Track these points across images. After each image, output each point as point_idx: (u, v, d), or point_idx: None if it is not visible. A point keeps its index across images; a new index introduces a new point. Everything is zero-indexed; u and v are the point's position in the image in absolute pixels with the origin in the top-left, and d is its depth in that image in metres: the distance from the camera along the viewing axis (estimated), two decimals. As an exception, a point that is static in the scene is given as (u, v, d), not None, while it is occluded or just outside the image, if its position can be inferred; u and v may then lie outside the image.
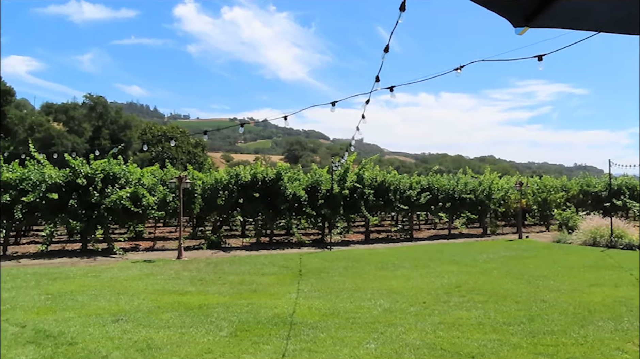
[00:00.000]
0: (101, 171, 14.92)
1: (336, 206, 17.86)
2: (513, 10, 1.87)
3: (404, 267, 11.96)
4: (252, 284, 9.67)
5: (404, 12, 3.11)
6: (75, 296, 8.37)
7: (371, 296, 8.45)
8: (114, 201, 14.49)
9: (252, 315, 7.07)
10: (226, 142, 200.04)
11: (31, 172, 14.57)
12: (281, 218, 18.11)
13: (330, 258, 13.90)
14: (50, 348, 5.56)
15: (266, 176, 17.28)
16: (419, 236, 21.34)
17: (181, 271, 11.30)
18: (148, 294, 8.63)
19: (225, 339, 5.96)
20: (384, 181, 19.52)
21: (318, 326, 6.50)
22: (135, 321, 6.73)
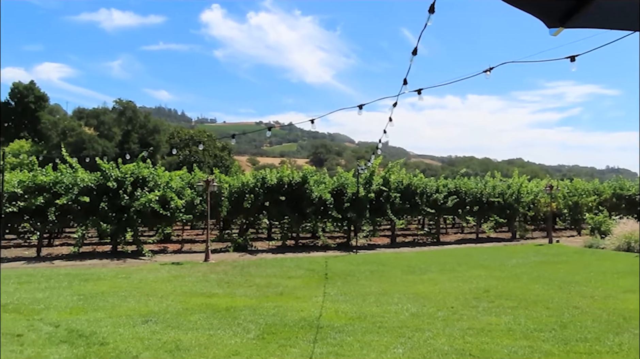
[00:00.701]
0: (131, 174, 15.20)
1: (362, 210, 17.79)
2: (548, 11, 1.83)
3: (431, 271, 11.84)
4: (278, 287, 9.71)
5: (433, 14, 3.09)
6: (106, 297, 8.54)
7: (398, 300, 8.38)
8: (143, 204, 14.73)
9: (279, 318, 7.10)
10: (252, 145, 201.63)
11: (64, 175, 14.94)
12: (307, 222, 18.14)
13: (356, 261, 13.85)
14: (82, 348, 5.69)
15: (292, 179, 17.34)
16: (445, 240, 21.10)
17: (208, 273, 11.42)
18: (176, 296, 8.75)
19: (252, 342, 5.99)
20: (411, 184, 19.36)
21: (345, 329, 6.48)
22: (164, 323, 6.83)
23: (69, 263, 13.30)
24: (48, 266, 12.77)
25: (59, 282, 10.03)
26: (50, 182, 14.67)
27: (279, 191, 17.06)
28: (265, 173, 17.70)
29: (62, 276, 10.80)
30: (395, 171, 19.39)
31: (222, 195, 16.39)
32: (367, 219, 18.45)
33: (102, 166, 15.10)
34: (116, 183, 14.86)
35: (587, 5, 1.80)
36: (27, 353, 5.49)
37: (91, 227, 15.22)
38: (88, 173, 15.30)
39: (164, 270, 11.93)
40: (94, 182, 14.92)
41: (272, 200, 16.91)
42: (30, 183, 14.57)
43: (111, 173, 15.00)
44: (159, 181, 15.67)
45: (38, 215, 14.66)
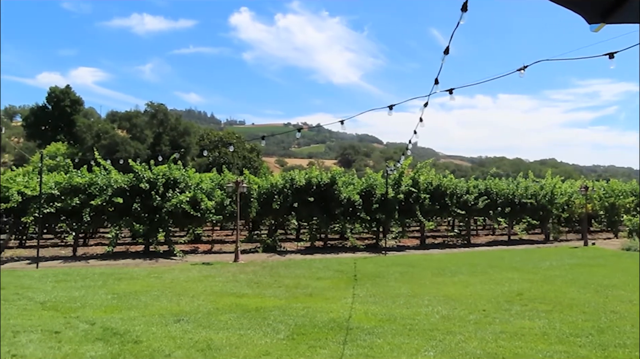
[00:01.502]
0: (162, 176, 15.48)
1: (391, 211, 17.68)
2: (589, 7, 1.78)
3: (461, 273, 11.66)
4: (307, 288, 9.72)
5: (465, 12, 3.04)
6: (139, 296, 8.71)
7: (428, 302, 8.29)
8: (175, 205, 14.98)
9: (309, 319, 7.10)
10: (280, 146, 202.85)
11: (98, 177, 15.32)
12: (335, 223, 18.13)
13: (385, 263, 13.76)
14: (117, 346, 5.81)
15: (321, 180, 17.35)
16: (476, 241, 20.77)
17: (238, 274, 11.53)
18: (207, 295, 8.86)
19: (282, 342, 6.01)
20: (440, 185, 19.14)
21: (374, 331, 6.44)
22: (195, 322, 6.92)
23: (103, 262, 13.63)
24: (83, 265, 13.11)
25: (94, 281, 10.28)
26: (85, 184, 15.06)
27: (307, 193, 17.09)
28: (294, 174, 17.77)
29: (97, 275, 11.07)
30: (424, 172, 19.20)
31: (251, 196, 16.52)
32: (396, 220, 18.33)
33: (134, 168, 15.41)
34: (148, 185, 15.15)
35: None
36: (65, 350, 5.63)
37: (124, 227, 15.55)
38: (121, 174, 15.64)
39: (195, 270, 12.10)
40: (127, 183, 15.24)
41: (301, 201, 16.96)
42: (67, 185, 14.99)
43: (143, 175, 15.31)
44: (189, 183, 15.91)
45: (74, 216, 15.07)
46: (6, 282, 10.05)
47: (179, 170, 15.93)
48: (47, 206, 14.31)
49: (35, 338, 6.06)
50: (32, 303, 8.10)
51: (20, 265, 13.17)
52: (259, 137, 8.22)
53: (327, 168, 22.14)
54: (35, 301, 8.23)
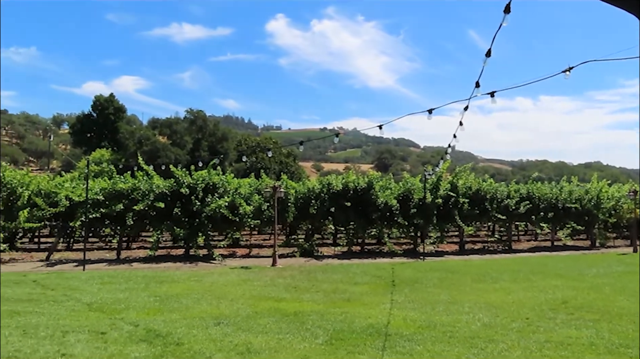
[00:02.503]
0: (202, 181, 15.78)
1: (429, 216, 17.46)
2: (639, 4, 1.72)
3: (503, 280, 11.40)
4: (345, 293, 9.70)
5: (508, 14, 2.99)
6: (180, 299, 8.89)
7: (469, 309, 8.13)
8: (214, 210, 15.24)
9: (347, 324, 7.08)
10: (316, 151, 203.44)
11: (141, 182, 15.75)
12: (372, 227, 18.04)
13: (423, 268, 13.59)
14: (160, 347, 5.94)
15: (358, 185, 17.31)
16: (518, 247, 20.25)
17: (276, 278, 11.61)
18: (246, 299, 8.96)
19: (321, 347, 6.01)
20: (480, 189, 18.78)
21: (414, 338, 6.37)
22: (235, 325, 7.01)
23: (145, 265, 13.99)
24: (127, 268, 13.49)
25: (137, 283, 10.57)
26: (129, 189, 15.51)
27: (344, 197, 17.08)
28: (331, 178, 17.78)
29: (140, 278, 11.37)
30: (463, 176, 18.88)
31: (288, 201, 16.63)
32: (434, 225, 18.09)
33: (175, 173, 15.78)
34: (188, 190, 15.47)
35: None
36: (110, 350, 5.81)
37: (165, 231, 15.92)
38: (163, 180, 16.03)
39: (234, 274, 12.26)
40: (168, 189, 15.61)
41: (338, 205, 16.95)
42: (111, 190, 15.48)
43: (184, 180, 15.65)
44: (228, 188, 16.16)
45: (118, 220, 15.54)
46: (55, 283, 10.45)
47: (218, 175, 16.21)
48: (93, 211, 14.80)
49: (83, 338, 6.27)
50: (79, 304, 8.39)
51: (68, 267, 13.67)
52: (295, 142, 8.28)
53: (363, 173, 22.06)
54: (82, 303, 8.53)
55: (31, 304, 8.33)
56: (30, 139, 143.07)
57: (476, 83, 4.13)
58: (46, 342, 6.10)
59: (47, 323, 7.06)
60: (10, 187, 15.04)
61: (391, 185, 18.44)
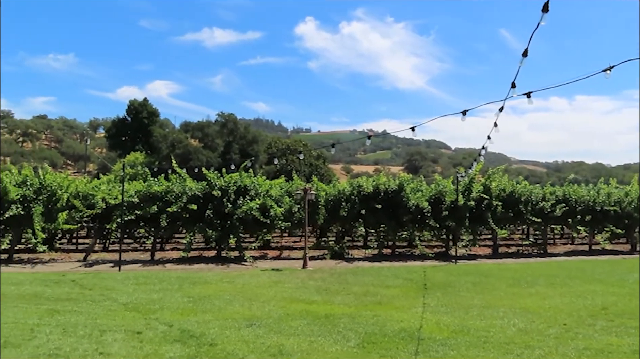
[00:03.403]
0: (233, 183, 15.95)
1: (461, 218, 17.20)
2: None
3: (538, 284, 11.13)
4: (376, 296, 9.65)
5: (546, 13, 2.92)
6: (212, 300, 9.00)
7: (503, 314, 7.97)
8: (245, 212, 15.38)
9: (378, 327, 7.04)
10: (346, 153, 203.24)
11: (174, 184, 16.03)
12: (403, 230, 17.88)
13: (456, 272, 13.40)
14: (194, 347, 6.03)
15: (388, 187, 17.20)
16: (554, 251, 19.75)
17: (307, 280, 11.63)
18: (277, 301, 9.01)
19: (353, 351, 5.99)
20: (514, 191, 18.40)
21: (447, 343, 6.27)
22: (267, 327, 7.05)
23: (179, 266, 14.22)
24: (161, 269, 13.74)
25: (171, 284, 10.75)
26: (162, 191, 15.80)
27: (375, 199, 16.99)
28: (362, 181, 17.71)
29: (174, 279, 11.56)
30: (496, 178, 18.53)
31: (319, 203, 16.64)
32: (466, 228, 17.80)
33: (207, 176, 15.99)
34: (220, 192, 15.66)
35: None
36: (146, 350, 5.92)
37: (198, 233, 16.13)
38: (195, 182, 16.28)
39: (265, 276, 12.35)
40: (200, 191, 15.84)
41: (368, 208, 16.87)
42: (146, 193, 15.80)
43: (216, 183, 15.85)
44: (259, 190, 16.28)
45: (152, 222, 15.85)
46: (93, 283, 10.73)
47: (249, 178, 16.35)
48: (128, 213, 15.13)
49: (120, 337, 6.41)
50: (115, 304, 8.59)
51: (104, 267, 14.01)
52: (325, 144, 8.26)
53: (393, 175, 21.90)
54: (118, 302, 8.72)
55: (70, 303, 8.57)
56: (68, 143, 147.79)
57: (512, 83, 4.05)
58: (85, 341, 6.27)
59: (86, 322, 7.25)
60: (50, 190, 15.52)
61: (422, 187, 18.25)
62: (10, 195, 14.71)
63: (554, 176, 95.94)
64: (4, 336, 6.40)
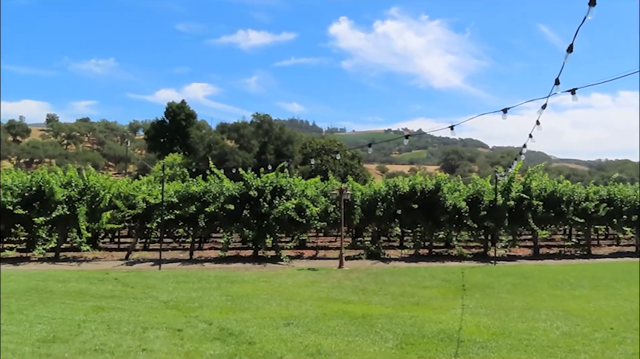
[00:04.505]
0: (270, 184, 16.10)
1: (500, 218, 16.84)
2: None
3: (582, 287, 10.79)
4: (413, 296, 9.55)
5: (594, 7, 2.83)
6: (250, 299, 9.11)
7: (546, 317, 7.76)
8: (281, 212, 15.49)
9: (417, 328, 6.97)
10: (381, 153, 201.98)
11: (212, 185, 16.30)
12: (440, 230, 17.64)
13: (495, 273, 13.13)
14: (233, 346, 6.11)
15: (425, 187, 17.01)
16: (597, 252, 19.11)
17: (343, 280, 11.63)
18: (314, 301, 9.03)
19: (391, 351, 5.95)
20: (555, 191, 17.89)
21: (488, 345, 6.16)
22: (304, 326, 7.08)
23: (216, 265, 14.45)
24: (199, 268, 14.00)
25: (210, 283, 10.94)
26: (201, 192, 16.09)
27: (411, 199, 16.83)
28: (398, 180, 17.58)
29: (212, 277, 11.76)
30: (536, 177, 18.06)
31: (354, 203, 16.61)
32: (505, 228, 17.42)
33: (244, 176, 16.19)
34: (257, 192, 15.83)
35: None
36: (187, 347, 6.04)
37: (235, 233, 16.36)
38: (232, 183, 16.50)
39: (301, 275, 12.41)
40: (237, 191, 16.05)
41: (405, 208, 16.73)
42: (184, 193, 16.13)
43: (252, 183, 16.03)
44: (295, 190, 16.37)
45: (190, 222, 16.18)
46: (135, 281, 11.03)
47: (285, 178, 16.47)
48: (168, 213, 15.48)
49: (161, 335, 6.57)
50: (157, 302, 8.80)
51: (145, 266, 14.38)
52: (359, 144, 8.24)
53: (429, 174, 21.65)
54: (159, 300, 8.93)
55: (114, 301, 8.83)
56: (109, 145, 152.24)
57: (556, 80, 3.94)
58: (128, 337, 6.45)
59: (129, 319, 7.46)
60: (93, 190, 16.03)
61: (460, 187, 17.96)
62: (57, 195, 15.28)
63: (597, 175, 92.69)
64: (54, 331, 6.65)
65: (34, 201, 15.43)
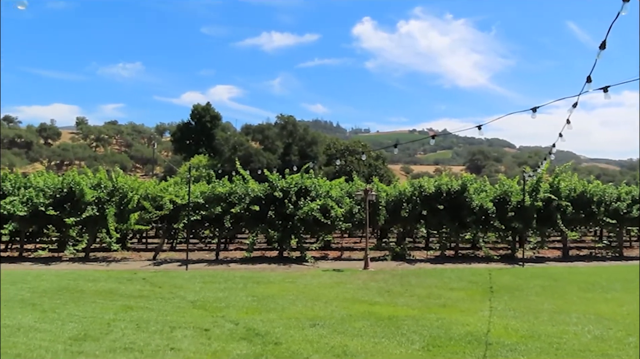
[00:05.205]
0: (294, 184, 16.15)
1: (528, 219, 16.54)
2: None
3: (614, 290, 10.52)
4: (440, 298, 9.46)
5: (627, 2, 2.76)
6: (276, 300, 9.15)
7: (577, 320, 7.59)
8: (306, 213, 15.53)
9: (443, 331, 6.90)
10: (405, 153, 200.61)
11: (237, 186, 16.44)
12: (466, 231, 17.41)
13: (523, 275, 12.91)
14: (259, 346, 6.15)
15: (451, 187, 16.82)
16: (630, 254, 18.60)
17: (368, 281, 11.58)
18: (340, 302, 9.02)
19: (418, 353, 5.90)
20: (585, 191, 17.49)
21: (517, 348, 6.05)
22: (330, 327, 7.08)
23: (242, 266, 14.56)
24: (225, 268, 14.13)
25: (236, 283, 11.03)
26: (226, 193, 16.24)
27: (437, 200, 16.67)
28: (423, 181, 17.43)
29: (238, 278, 11.85)
30: (565, 177, 17.69)
31: (379, 204, 16.54)
32: (534, 229, 17.10)
33: (269, 177, 16.29)
34: (282, 193, 15.90)
35: None
36: (214, 347, 6.10)
37: (260, 233, 16.46)
38: (257, 184, 16.62)
39: (326, 276, 12.41)
40: (262, 192, 16.15)
41: (430, 208, 16.58)
42: (210, 194, 16.31)
43: (277, 184, 16.11)
44: (320, 191, 16.39)
45: (216, 222, 16.34)
46: (162, 281, 11.20)
47: (310, 179, 16.50)
48: (194, 213, 15.68)
49: (189, 334, 6.65)
50: (184, 302, 8.91)
51: (172, 266, 14.59)
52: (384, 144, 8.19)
53: (455, 175, 21.41)
54: (186, 300, 9.05)
55: (142, 300, 8.98)
56: (136, 147, 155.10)
57: (588, 77, 3.86)
58: (156, 336, 6.55)
59: (157, 318, 7.58)
60: (122, 192, 16.35)
61: (486, 187, 17.71)
62: (87, 197, 15.63)
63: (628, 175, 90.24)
64: (85, 329, 6.80)
65: (65, 202, 15.82)
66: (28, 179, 16.98)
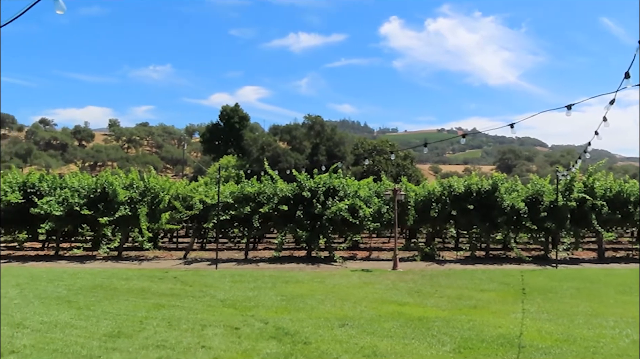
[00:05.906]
0: (323, 184, 16.16)
1: (561, 220, 16.15)
2: None
3: (653, 292, 10.16)
4: (471, 299, 9.32)
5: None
6: (304, 299, 9.17)
7: (614, 324, 7.37)
8: (334, 213, 15.52)
9: (475, 332, 6.79)
10: (434, 153, 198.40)
11: (266, 186, 16.55)
12: (497, 232, 17.12)
13: (556, 276, 12.61)
14: (289, 345, 6.17)
15: (481, 187, 16.56)
16: (670, 256, 17.95)
17: (397, 281, 11.50)
18: (369, 302, 8.98)
19: (449, 355, 5.83)
20: (622, 191, 16.98)
21: (551, 352, 5.92)
22: (359, 328, 7.05)
23: (271, 266, 14.65)
24: (254, 268, 14.24)
25: (265, 283, 11.10)
26: (255, 192, 16.37)
27: (466, 200, 16.43)
28: (452, 181, 17.22)
29: (267, 277, 11.93)
30: (600, 177, 17.20)
31: (408, 204, 16.41)
32: (567, 230, 16.68)
33: (297, 177, 16.34)
34: (310, 193, 15.93)
35: None
36: (244, 345, 6.15)
37: (289, 233, 16.53)
38: (285, 184, 16.69)
39: (355, 276, 12.37)
40: (291, 192, 16.21)
41: (460, 208, 16.36)
42: (239, 194, 16.47)
43: (306, 184, 16.14)
44: (348, 191, 16.36)
45: (245, 222, 16.49)
46: (193, 280, 11.36)
47: (338, 179, 16.48)
48: (223, 213, 15.85)
49: (219, 332, 6.73)
50: (214, 300, 9.02)
51: (202, 265, 14.78)
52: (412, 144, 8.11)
53: (485, 174, 21.06)
54: (216, 299, 9.16)
55: (173, 299, 9.13)
56: (167, 148, 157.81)
57: (626, 74, 3.74)
58: (188, 334, 6.64)
59: (188, 316, 7.69)
60: (153, 192, 16.66)
61: (518, 187, 17.37)
62: (120, 197, 15.98)
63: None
64: (118, 326, 6.96)
65: (99, 202, 16.21)
66: (63, 180, 17.48)
